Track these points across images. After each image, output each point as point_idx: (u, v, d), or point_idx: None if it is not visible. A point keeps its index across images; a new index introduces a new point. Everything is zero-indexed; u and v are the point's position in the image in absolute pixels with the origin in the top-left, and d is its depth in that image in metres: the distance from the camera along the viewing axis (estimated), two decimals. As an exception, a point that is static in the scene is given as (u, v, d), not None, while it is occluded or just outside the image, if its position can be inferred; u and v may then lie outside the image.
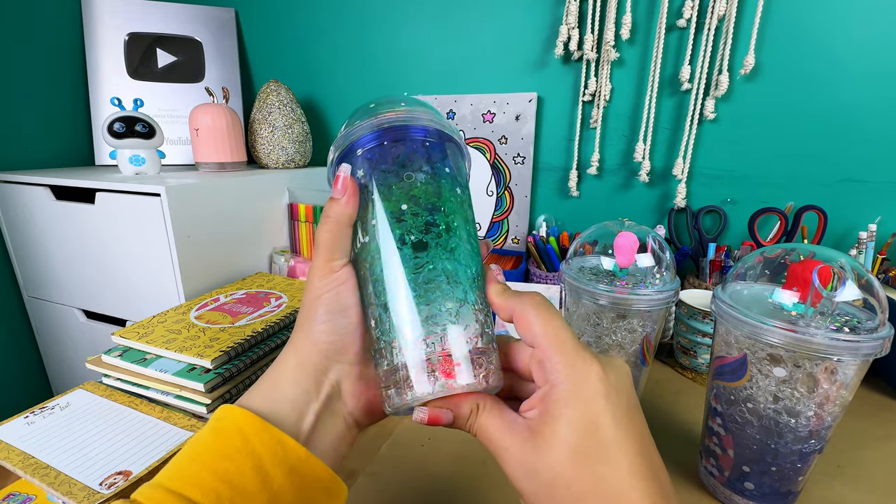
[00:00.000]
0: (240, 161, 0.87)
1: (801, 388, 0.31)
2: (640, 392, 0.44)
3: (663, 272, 0.41)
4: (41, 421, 0.43)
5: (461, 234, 0.24)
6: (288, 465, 0.21)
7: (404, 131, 0.25)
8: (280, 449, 0.21)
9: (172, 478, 0.20)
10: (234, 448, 0.21)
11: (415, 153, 0.25)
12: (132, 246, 0.68)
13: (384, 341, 0.23)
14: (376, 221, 0.24)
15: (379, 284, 0.23)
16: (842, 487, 0.39)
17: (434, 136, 0.26)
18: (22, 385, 0.90)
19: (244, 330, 0.51)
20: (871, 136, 0.66)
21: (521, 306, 0.22)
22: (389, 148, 0.25)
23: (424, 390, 0.22)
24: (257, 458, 0.21)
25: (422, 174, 0.24)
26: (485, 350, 0.23)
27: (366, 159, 0.25)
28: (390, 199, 0.24)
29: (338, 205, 0.24)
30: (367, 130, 0.25)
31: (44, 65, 0.86)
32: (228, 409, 0.22)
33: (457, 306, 0.23)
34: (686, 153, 0.74)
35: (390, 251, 0.23)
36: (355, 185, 0.25)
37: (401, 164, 0.25)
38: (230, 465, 0.20)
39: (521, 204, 0.88)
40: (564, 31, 0.75)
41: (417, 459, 0.43)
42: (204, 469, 0.20)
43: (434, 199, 0.24)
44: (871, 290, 0.31)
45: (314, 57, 0.99)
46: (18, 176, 0.74)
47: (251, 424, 0.21)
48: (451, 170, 0.26)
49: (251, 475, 0.20)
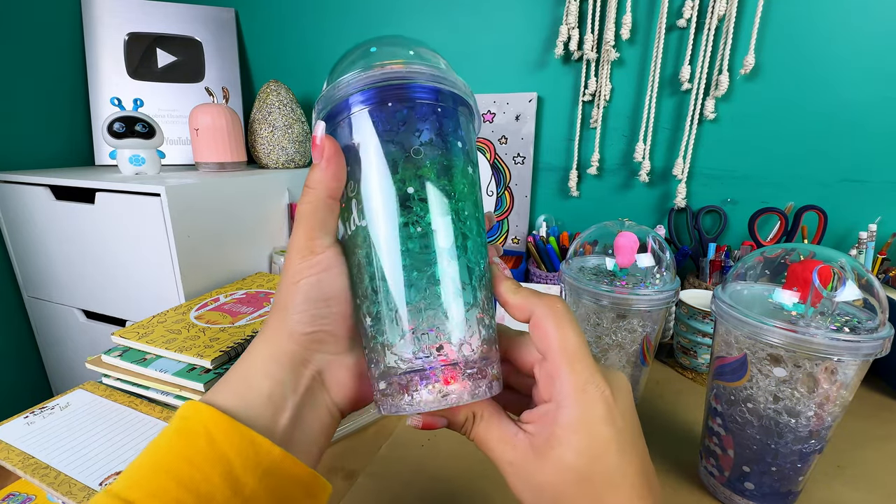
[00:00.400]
0: (240, 161, 0.87)
1: (802, 388, 0.31)
2: (640, 392, 0.44)
3: (663, 272, 0.41)
4: (41, 421, 0.43)
5: (471, 226, 0.21)
6: (261, 469, 0.19)
7: (412, 91, 0.21)
8: (252, 451, 0.19)
9: (130, 486, 0.18)
10: (200, 453, 0.19)
11: (424, 121, 0.21)
12: (132, 246, 0.68)
13: (379, 342, 0.21)
14: (376, 204, 0.20)
15: (377, 280, 0.21)
16: (842, 487, 0.39)
17: (447, 99, 0.22)
18: (22, 385, 0.90)
19: (244, 330, 0.51)
20: (872, 136, 0.66)
21: (542, 312, 0.21)
22: (394, 112, 0.21)
23: (422, 400, 0.20)
24: (226, 464, 0.19)
25: (432, 150, 0.21)
26: (487, 355, 0.21)
27: (363, 121, 0.21)
28: (394, 179, 0.20)
29: (318, 171, 0.21)
30: (366, 84, 0.21)
31: (44, 65, 0.86)
32: (194, 408, 0.20)
33: (463, 311, 0.20)
34: (686, 153, 0.74)
35: (393, 243, 0.20)
36: (335, 147, 0.21)
37: (407, 135, 0.21)
38: (195, 473, 0.18)
39: (521, 204, 0.88)
40: (564, 31, 0.75)
41: (417, 459, 0.43)
42: (166, 477, 0.18)
43: (445, 181, 0.21)
44: (871, 290, 0.31)
45: (314, 57, 0.99)
46: (18, 176, 0.74)
47: (218, 424, 0.19)
48: (463, 143, 0.22)
49: (219, 482, 0.18)
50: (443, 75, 0.22)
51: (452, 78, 0.22)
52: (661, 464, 0.42)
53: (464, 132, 0.22)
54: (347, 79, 0.21)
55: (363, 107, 0.21)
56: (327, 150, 0.21)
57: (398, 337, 0.20)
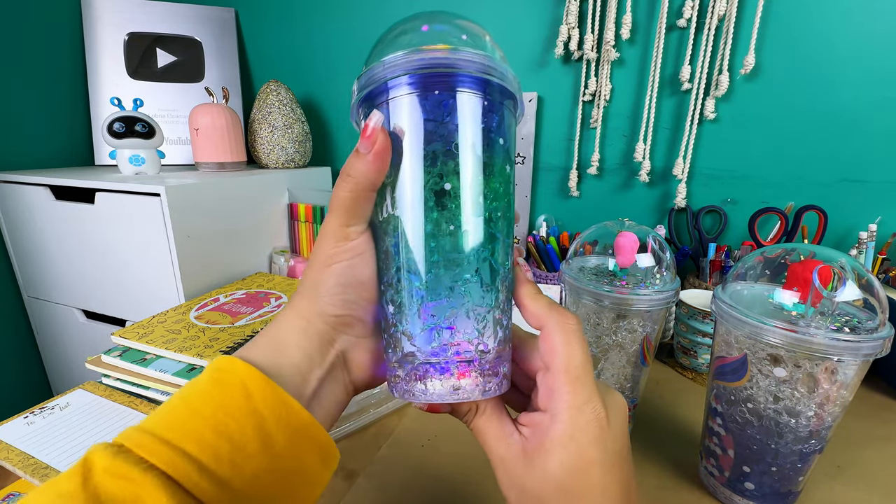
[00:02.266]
0: (239, 161, 0.87)
1: (802, 388, 0.31)
2: (641, 392, 0.44)
3: (663, 272, 0.41)
4: (41, 421, 0.43)
5: (502, 227, 0.21)
6: (290, 429, 0.20)
7: (458, 81, 0.20)
8: (284, 411, 0.20)
9: (166, 427, 0.18)
10: (235, 403, 0.19)
11: (469, 114, 0.20)
12: (132, 246, 0.68)
13: (400, 330, 0.21)
14: (409, 197, 0.20)
15: (403, 271, 0.20)
16: (842, 487, 0.39)
17: (495, 92, 0.21)
18: (22, 385, 0.90)
19: (244, 330, 0.51)
20: (872, 136, 0.66)
21: (553, 325, 0.21)
22: (438, 101, 0.20)
23: (434, 392, 0.21)
24: (260, 418, 0.19)
25: (472, 146, 0.20)
26: (500, 354, 0.21)
27: (407, 108, 0.20)
28: (431, 173, 0.20)
29: (363, 162, 0.20)
30: (409, 68, 0.19)
31: (44, 65, 0.86)
32: (231, 361, 0.20)
33: (484, 311, 0.21)
34: (686, 153, 0.74)
35: (422, 238, 0.20)
36: (387, 141, 0.20)
37: (447, 129, 0.20)
38: (231, 422, 0.19)
39: (521, 204, 0.88)
40: (564, 31, 0.74)
41: (417, 459, 0.43)
42: (202, 422, 0.18)
43: (482, 180, 0.20)
44: (871, 290, 0.31)
45: (314, 57, 0.98)
46: (18, 176, 0.74)
47: (256, 382, 0.20)
48: (504, 141, 0.21)
49: (252, 435, 0.19)
50: (493, 65, 0.20)
51: (502, 68, 0.21)
52: (662, 464, 0.42)
53: (507, 128, 0.21)
54: (394, 59, 0.20)
55: (410, 91, 0.20)
56: (379, 144, 0.20)
57: (418, 329, 0.21)
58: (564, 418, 0.20)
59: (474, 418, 0.23)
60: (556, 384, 0.20)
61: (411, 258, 0.20)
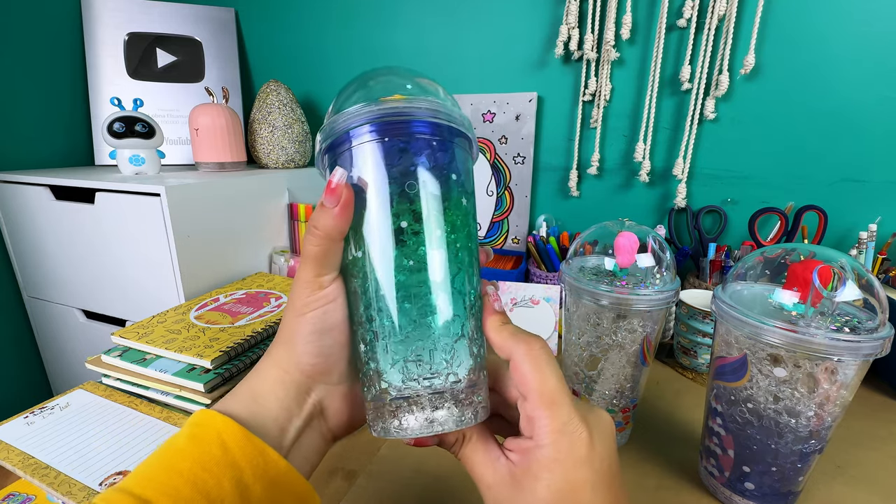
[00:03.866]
0: (239, 161, 0.87)
1: (802, 388, 0.31)
2: (641, 392, 0.44)
3: (663, 272, 0.41)
4: (41, 421, 0.43)
5: (463, 258, 0.22)
6: (268, 478, 0.20)
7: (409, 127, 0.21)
8: (261, 460, 0.20)
9: (143, 485, 0.19)
10: (212, 458, 0.20)
11: (419, 155, 0.21)
12: (132, 246, 0.68)
13: (372, 369, 0.22)
14: (371, 238, 0.21)
15: (371, 309, 0.21)
16: (842, 487, 0.39)
17: (443, 133, 0.22)
18: (22, 385, 0.90)
19: (244, 330, 0.51)
20: (872, 136, 0.66)
21: (520, 356, 0.21)
22: (390, 147, 0.21)
23: (409, 427, 0.21)
24: (237, 471, 0.20)
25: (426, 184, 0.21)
26: (474, 383, 0.22)
27: (360, 156, 0.21)
28: (388, 213, 0.21)
29: (328, 216, 0.21)
30: (363, 119, 0.21)
31: (44, 65, 0.86)
32: (209, 415, 0.21)
33: (452, 341, 0.21)
34: (686, 153, 0.74)
35: (386, 275, 0.21)
36: (351, 195, 0.21)
37: (403, 170, 0.21)
38: (208, 477, 0.19)
39: (521, 204, 0.88)
40: (564, 31, 0.74)
41: (417, 459, 0.43)
42: (180, 479, 0.19)
43: (438, 215, 0.21)
44: (871, 291, 0.31)
45: (314, 57, 0.98)
46: (18, 176, 0.74)
47: (232, 433, 0.20)
48: (458, 175, 0.22)
49: (229, 488, 0.19)
50: (440, 108, 0.22)
51: (449, 110, 0.22)
52: (662, 464, 0.42)
53: (459, 163, 0.23)
54: (350, 112, 0.21)
55: (365, 139, 0.21)
56: (344, 197, 0.21)
57: (388, 364, 0.21)
58: (547, 442, 0.20)
59: (461, 448, 0.23)
60: (534, 411, 0.21)
61: (376, 296, 0.21)
